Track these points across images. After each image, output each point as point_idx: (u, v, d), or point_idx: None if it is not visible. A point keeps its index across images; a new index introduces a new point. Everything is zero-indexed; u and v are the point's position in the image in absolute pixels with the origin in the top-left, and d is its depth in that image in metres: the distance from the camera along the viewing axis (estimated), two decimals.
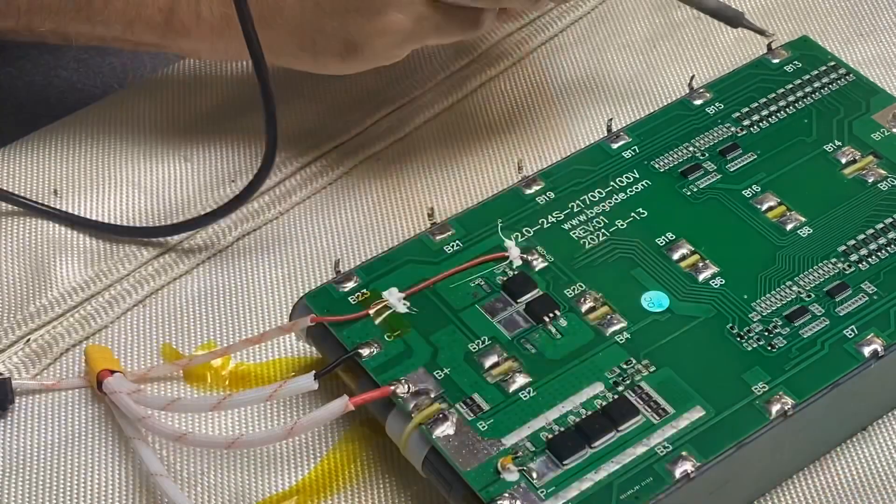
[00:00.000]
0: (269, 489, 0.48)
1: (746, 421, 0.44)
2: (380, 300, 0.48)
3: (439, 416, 0.45)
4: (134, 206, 0.56)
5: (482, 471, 0.44)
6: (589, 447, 0.44)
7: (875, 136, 0.53)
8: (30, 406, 0.50)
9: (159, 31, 0.54)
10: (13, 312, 0.53)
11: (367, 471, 0.48)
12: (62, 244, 0.55)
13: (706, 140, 0.54)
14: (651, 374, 0.46)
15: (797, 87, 0.55)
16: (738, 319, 0.47)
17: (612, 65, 0.62)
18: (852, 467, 0.48)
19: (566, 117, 0.60)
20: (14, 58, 0.65)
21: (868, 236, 0.50)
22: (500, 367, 0.46)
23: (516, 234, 0.50)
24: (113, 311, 0.53)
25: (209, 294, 0.54)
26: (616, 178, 0.52)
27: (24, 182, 0.57)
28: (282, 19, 0.52)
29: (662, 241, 0.50)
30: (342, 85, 0.61)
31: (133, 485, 0.48)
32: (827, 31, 0.62)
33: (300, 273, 0.54)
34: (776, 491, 0.47)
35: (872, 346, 0.46)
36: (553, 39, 0.63)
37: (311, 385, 0.46)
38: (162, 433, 0.47)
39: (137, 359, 0.52)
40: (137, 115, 0.60)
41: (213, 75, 0.62)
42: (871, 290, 0.48)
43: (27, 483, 0.48)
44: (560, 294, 0.48)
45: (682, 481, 0.43)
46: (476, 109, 0.60)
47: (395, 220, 0.56)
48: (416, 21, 0.52)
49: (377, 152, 0.58)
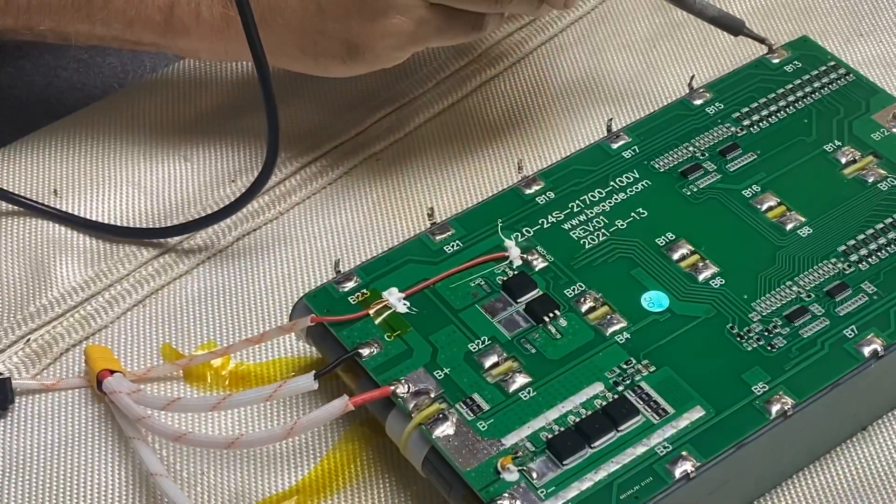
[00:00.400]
0: (269, 489, 0.48)
1: (746, 421, 0.44)
2: (380, 300, 0.48)
3: (439, 416, 0.45)
4: (134, 206, 0.56)
5: (482, 471, 0.44)
6: (589, 447, 0.44)
7: (875, 136, 0.53)
8: (30, 406, 0.50)
9: (159, 30, 0.54)
10: (13, 312, 0.53)
11: (367, 471, 0.48)
12: (62, 244, 0.55)
13: (706, 140, 0.54)
14: (651, 374, 0.46)
15: (797, 87, 0.55)
16: (738, 319, 0.47)
17: (612, 65, 0.62)
18: (852, 467, 0.48)
19: (566, 117, 0.60)
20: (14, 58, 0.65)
21: (868, 236, 0.50)
22: (500, 367, 0.46)
23: (516, 234, 0.50)
24: (113, 311, 0.53)
25: (209, 294, 0.54)
26: (616, 178, 0.52)
27: (24, 182, 0.57)
28: (283, 20, 0.52)
29: (662, 241, 0.50)
30: (342, 85, 0.61)
31: (133, 485, 0.48)
32: (827, 31, 0.62)
33: (300, 273, 0.54)
34: (776, 491, 0.47)
35: (872, 346, 0.46)
36: (553, 39, 0.63)
37: (311, 385, 0.46)
38: (162, 433, 0.47)
39: (137, 359, 0.52)
40: (137, 115, 0.60)
41: (213, 75, 0.62)
42: (871, 290, 0.48)
43: (27, 483, 0.48)
44: (560, 294, 0.48)
45: (682, 481, 0.43)
46: (476, 109, 0.60)
47: (395, 220, 0.56)
48: (418, 24, 0.52)
49: (377, 152, 0.59)
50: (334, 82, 0.60)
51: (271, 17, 0.52)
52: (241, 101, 0.60)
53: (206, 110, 0.60)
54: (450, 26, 0.52)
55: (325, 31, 0.52)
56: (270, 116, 0.50)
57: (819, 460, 0.48)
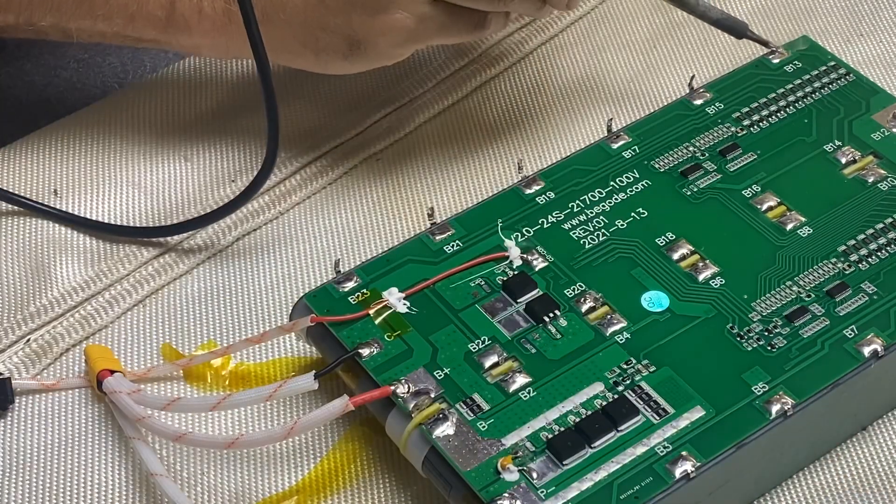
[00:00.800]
0: (269, 489, 0.48)
1: (746, 421, 0.44)
2: (380, 300, 0.48)
3: (439, 416, 0.45)
4: (134, 206, 0.56)
5: (482, 471, 0.44)
6: (589, 447, 0.44)
7: (875, 136, 0.53)
8: (30, 406, 0.50)
9: (160, 26, 0.53)
10: (13, 312, 0.53)
11: (367, 471, 0.48)
12: (62, 244, 0.55)
13: (706, 140, 0.54)
14: (651, 374, 0.46)
15: (797, 87, 0.55)
16: (738, 319, 0.47)
17: (612, 65, 0.62)
18: (852, 467, 0.48)
19: (566, 117, 0.60)
20: (14, 58, 0.65)
21: (868, 236, 0.50)
22: (500, 367, 0.46)
23: (516, 234, 0.50)
24: (113, 311, 0.53)
25: (209, 294, 0.54)
26: (616, 178, 0.52)
27: (24, 182, 0.57)
28: (284, 15, 0.52)
29: (662, 241, 0.50)
30: (342, 85, 0.61)
31: (133, 485, 0.48)
32: (827, 31, 0.62)
33: (300, 273, 0.54)
34: (776, 491, 0.47)
35: (872, 346, 0.46)
36: (553, 39, 0.63)
37: (311, 385, 0.46)
38: (162, 433, 0.47)
39: (137, 359, 0.52)
40: (137, 115, 0.60)
41: (213, 75, 0.62)
42: (871, 290, 0.48)
43: (27, 483, 0.48)
44: (560, 294, 0.48)
45: (682, 481, 0.43)
46: (476, 109, 0.60)
47: (395, 220, 0.56)
48: (420, 20, 0.52)
49: (377, 152, 0.58)
50: (334, 82, 0.60)
51: (273, 12, 0.52)
52: (241, 101, 0.60)
53: (206, 110, 0.60)
54: (452, 24, 0.52)
55: (326, 26, 0.52)
56: (271, 114, 0.50)
57: (819, 460, 0.48)
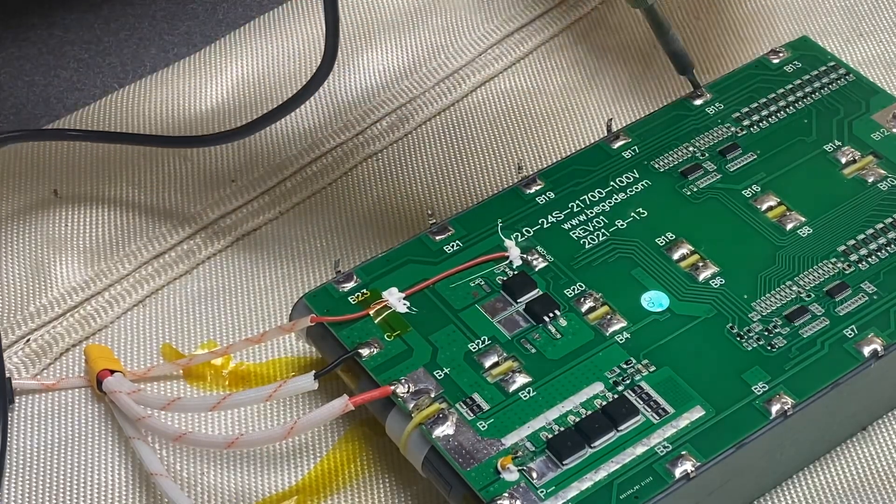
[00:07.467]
0: (269, 489, 0.48)
1: (746, 421, 0.44)
2: (380, 300, 0.48)
3: (439, 416, 0.45)
4: (134, 206, 0.56)
5: (482, 471, 0.44)
6: (589, 447, 0.44)
7: (875, 136, 0.53)
8: (30, 406, 0.50)
9: None
10: (13, 312, 0.53)
11: (367, 471, 0.48)
12: (62, 244, 0.55)
13: (706, 140, 0.54)
14: (651, 374, 0.46)
15: (797, 88, 0.55)
16: (738, 319, 0.47)
17: (612, 65, 0.62)
18: (852, 467, 0.48)
19: (566, 117, 0.60)
20: (14, 58, 0.65)
21: (868, 236, 0.50)
22: (499, 366, 0.46)
23: (516, 234, 0.50)
24: (113, 311, 0.53)
25: (209, 294, 0.54)
26: (616, 178, 0.52)
27: (25, 182, 0.57)
28: None
29: (662, 241, 0.50)
30: (342, 84, 0.61)
31: (133, 485, 0.48)
32: (827, 31, 0.62)
33: (300, 273, 0.54)
34: (776, 491, 0.47)
35: (872, 346, 0.46)
36: (553, 39, 0.63)
37: (311, 385, 0.46)
38: (161, 433, 0.47)
39: (137, 359, 0.52)
40: (137, 115, 0.60)
41: (213, 75, 0.62)
42: (871, 290, 0.48)
43: (27, 483, 0.48)
44: (560, 294, 0.48)
45: (682, 481, 0.43)
46: (476, 109, 0.60)
47: (395, 220, 0.56)
48: None
49: (377, 152, 0.59)
50: (334, 82, 0.60)
51: None
52: (241, 101, 0.60)
53: (206, 110, 0.60)
54: None
55: None
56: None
57: (819, 460, 0.48)
